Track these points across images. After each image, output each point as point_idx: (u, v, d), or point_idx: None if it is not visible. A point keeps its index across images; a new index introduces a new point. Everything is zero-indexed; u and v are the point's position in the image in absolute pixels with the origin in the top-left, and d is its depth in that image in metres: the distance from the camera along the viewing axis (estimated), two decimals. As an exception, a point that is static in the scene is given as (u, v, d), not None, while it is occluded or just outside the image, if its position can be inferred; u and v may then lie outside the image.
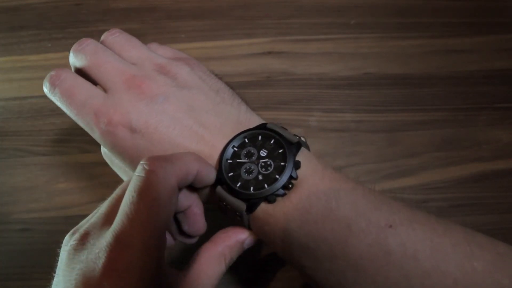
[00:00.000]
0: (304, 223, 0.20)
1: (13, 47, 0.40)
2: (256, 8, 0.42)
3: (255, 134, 0.23)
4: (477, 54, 0.40)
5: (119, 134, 0.23)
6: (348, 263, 0.19)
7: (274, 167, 0.22)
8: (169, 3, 0.43)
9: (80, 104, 0.24)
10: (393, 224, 0.19)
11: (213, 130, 0.23)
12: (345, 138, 0.36)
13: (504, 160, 0.35)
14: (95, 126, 0.23)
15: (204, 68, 0.27)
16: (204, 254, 0.22)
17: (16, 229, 0.32)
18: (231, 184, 0.22)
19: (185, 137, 0.23)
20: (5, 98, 0.38)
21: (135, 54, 0.26)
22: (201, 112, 0.23)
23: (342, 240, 0.19)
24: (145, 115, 0.23)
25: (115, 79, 0.24)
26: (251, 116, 0.25)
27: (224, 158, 0.22)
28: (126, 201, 0.18)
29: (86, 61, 0.25)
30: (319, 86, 0.38)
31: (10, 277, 0.31)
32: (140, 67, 0.25)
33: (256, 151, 0.22)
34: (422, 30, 0.41)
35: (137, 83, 0.23)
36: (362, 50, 0.40)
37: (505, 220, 0.32)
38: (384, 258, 0.19)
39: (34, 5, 0.42)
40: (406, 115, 0.37)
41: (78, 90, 0.24)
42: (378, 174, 0.34)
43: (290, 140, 0.22)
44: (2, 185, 0.34)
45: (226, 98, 0.25)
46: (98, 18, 0.42)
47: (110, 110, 0.23)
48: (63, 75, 0.24)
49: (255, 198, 0.21)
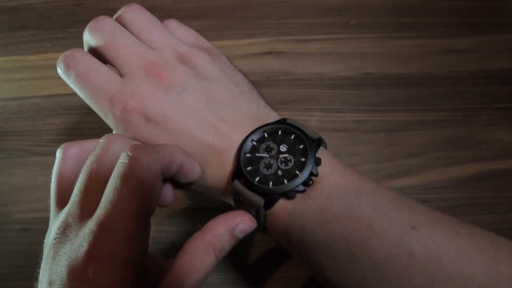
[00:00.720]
0: (324, 222, 0.20)
1: (13, 47, 0.40)
2: (256, 8, 0.42)
3: (275, 129, 0.23)
4: (477, 54, 0.40)
5: (134, 121, 0.22)
6: (369, 264, 0.19)
7: (294, 163, 0.21)
8: (169, 3, 0.43)
9: (95, 87, 0.23)
10: (416, 226, 0.19)
11: (231, 123, 0.22)
12: (345, 138, 0.36)
13: (504, 160, 0.35)
14: (109, 112, 0.22)
15: (225, 58, 0.26)
16: (191, 244, 0.21)
17: (16, 229, 0.32)
18: (249, 178, 0.21)
19: (201, 130, 0.22)
20: (5, 98, 0.38)
21: (155, 38, 0.24)
22: (219, 105, 0.23)
23: (364, 241, 0.19)
24: (162, 105, 0.22)
25: (133, 65, 0.23)
26: (270, 112, 0.24)
27: (242, 152, 0.22)
28: (110, 187, 0.18)
29: (102, 41, 0.23)
30: (319, 86, 0.38)
31: (10, 277, 0.31)
32: (160, 53, 0.24)
33: (276, 146, 0.22)
34: (422, 30, 0.41)
35: (156, 71, 0.23)
36: (362, 50, 0.40)
37: (505, 220, 0.32)
38: (407, 260, 0.18)
39: (34, 5, 0.42)
40: (406, 115, 0.37)
41: (94, 72, 0.23)
42: (378, 174, 0.34)
43: (311, 136, 0.22)
44: (2, 185, 0.34)
45: (245, 91, 0.24)
46: (98, 18, 0.42)
47: (127, 96, 0.22)
48: (78, 55, 0.23)
49: (274, 193, 0.21)
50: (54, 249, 0.18)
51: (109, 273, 0.17)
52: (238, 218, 0.21)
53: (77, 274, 0.17)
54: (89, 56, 0.24)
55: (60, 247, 0.18)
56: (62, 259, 0.18)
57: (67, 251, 0.18)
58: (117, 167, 0.18)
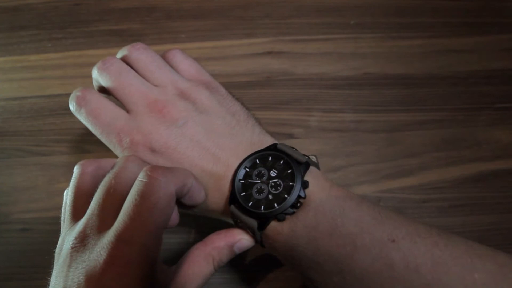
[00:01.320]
0: (311, 239, 0.21)
1: (13, 47, 0.40)
2: (256, 8, 0.42)
3: (266, 155, 0.24)
4: (477, 54, 0.40)
5: (140, 152, 0.24)
6: (355, 277, 0.20)
7: (283, 187, 0.23)
8: (169, 3, 0.43)
9: (105, 124, 0.25)
10: (395, 239, 0.20)
11: (228, 151, 0.24)
12: (345, 138, 0.36)
13: (504, 160, 0.35)
14: (118, 144, 0.25)
15: (223, 90, 0.28)
16: (193, 252, 0.23)
17: (16, 229, 0.32)
18: (243, 203, 0.23)
19: (202, 159, 0.24)
20: (5, 98, 0.38)
21: (158, 76, 0.27)
22: (217, 135, 0.25)
23: (348, 256, 0.20)
24: (165, 137, 0.24)
25: (138, 102, 0.25)
26: (264, 137, 0.26)
27: (237, 179, 0.24)
28: (129, 203, 0.20)
29: (110, 81, 0.26)
30: (319, 86, 0.38)
31: (10, 277, 0.31)
32: (162, 90, 0.26)
33: (267, 172, 0.24)
34: (422, 30, 0.41)
35: (159, 107, 0.25)
36: (362, 50, 0.40)
37: (505, 220, 0.32)
38: (388, 272, 0.19)
39: (34, 5, 0.42)
40: (406, 115, 0.37)
41: (104, 111, 0.25)
42: (378, 174, 0.34)
43: (299, 160, 0.24)
44: (2, 185, 0.34)
45: (241, 120, 0.26)
46: (98, 18, 0.42)
47: (133, 131, 0.24)
48: (88, 96, 0.26)
49: (266, 216, 0.22)
50: (71, 257, 0.19)
51: (124, 281, 0.18)
52: (238, 236, 0.24)
53: (95, 282, 0.18)
54: (98, 95, 0.26)
55: (78, 255, 0.19)
56: (80, 267, 0.19)
57: (85, 260, 0.19)
58: (136, 185, 0.20)
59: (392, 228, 0.21)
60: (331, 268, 0.21)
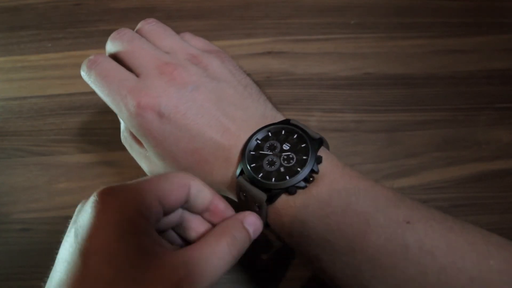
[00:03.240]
0: (323, 216, 0.21)
1: (13, 47, 0.40)
2: (256, 8, 0.42)
3: (279, 129, 0.24)
4: (477, 54, 0.40)
5: (148, 117, 0.23)
6: (365, 257, 0.20)
7: (296, 160, 0.22)
8: (169, 3, 0.43)
9: (113, 84, 0.24)
10: (410, 221, 0.20)
11: (239, 122, 0.24)
12: (345, 138, 0.36)
13: (504, 160, 0.35)
14: (124, 107, 0.24)
15: (234, 62, 0.28)
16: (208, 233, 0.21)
17: (16, 229, 0.32)
18: (253, 174, 0.22)
19: (211, 127, 0.23)
20: (5, 98, 0.38)
21: (169, 43, 0.26)
22: (229, 105, 0.24)
23: (361, 234, 0.20)
24: (174, 101, 0.23)
25: (148, 65, 0.25)
26: (276, 113, 0.25)
27: (247, 150, 0.23)
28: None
29: (122, 47, 0.26)
30: (319, 86, 0.38)
31: (10, 277, 0.31)
32: (173, 55, 0.25)
33: (279, 145, 0.23)
34: (422, 30, 0.41)
35: (169, 70, 0.24)
36: (362, 50, 0.40)
37: (505, 220, 0.32)
38: (401, 253, 0.19)
39: (34, 5, 0.42)
40: (406, 115, 0.37)
41: (113, 72, 0.25)
42: (378, 174, 0.34)
43: (313, 136, 0.23)
44: (2, 185, 0.34)
45: (253, 93, 0.26)
46: (98, 18, 0.42)
47: (141, 93, 0.23)
48: (100, 58, 0.25)
49: (276, 188, 0.22)
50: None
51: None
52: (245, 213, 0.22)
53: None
54: (110, 59, 0.26)
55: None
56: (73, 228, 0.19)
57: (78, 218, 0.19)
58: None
59: (407, 210, 0.20)
60: (342, 247, 0.20)
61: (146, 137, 0.24)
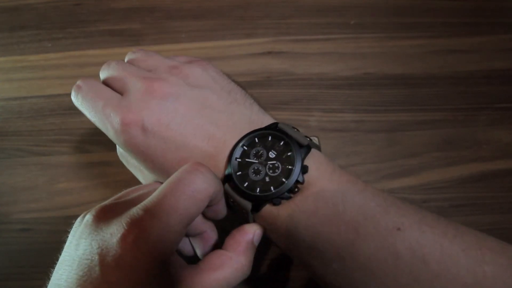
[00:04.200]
0: (310, 225, 0.20)
1: (13, 47, 0.40)
2: (256, 8, 0.42)
3: (265, 134, 0.23)
4: (477, 54, 0.40)
5: (132, 133, 0.23)
6: (356, 265, 0.19)
7: (281, 170, 0.22)
8: (169, 3, 0.43)
9: (98, 105, 0.25)
10: (401, 227, 0.19)
11: (224, 128, 0.24)
12: (345, 138, 0.36)
13: (504, 160, 0.35)
14: (109, 125, 0.24)
15: (217, 69, 0.28)
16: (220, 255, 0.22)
17: (16, 229, 0.32)
18: (238, 183, 0.22)
19: (196, 135, 0.23)
20: (5, 98, 0.38)
21: (151, 63, 0.27)
22: (213, 111, 0.24)
23: (349, 243, 0.20)
24: (156, 114, 0.23)
25: (130, 83, 0.25)
26: (264, 116, 0.25)
27: (233, 157, 0.23)
28: (167, 183, 0.20)
29: (108, 74, 0.26)
30: (319, 86, 0.38)
31: (10, 277, 0.31)
32: (154, 71, 0.26)
33: (265, 152, 0.23)
34: (422, 30, 0.41)
35: (150, 83, 0.24)
36: (362, 50, 0.40)
37: (505, 220, 0.32)
38: (393, 262, 0.19)
39: (34, 5, 0.42)
40: (406, 115, 0.37)
41: (98, 94, 0.25)
42: (378, 174, 0.34)
43: (300, 142, 0.23)
44: (2, 185, 0.34)
45: (238, 98, 0.25)
46: (98, 18, 0.42)
47: (124, 109, 0.24)
48: (86, 80, 0.26)
49: (261, 200, 0.22)
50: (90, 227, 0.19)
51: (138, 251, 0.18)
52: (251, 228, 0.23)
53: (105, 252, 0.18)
54: (95, 81, 0.26)
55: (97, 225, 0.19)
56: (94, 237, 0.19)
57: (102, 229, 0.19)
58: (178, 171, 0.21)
59: (398, 216, 0.20)
60: (331, 255, 0.20)
61: (133, 152, 0.24)
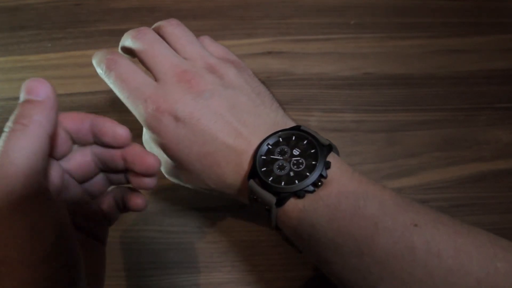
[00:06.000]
0: (332, 219, 0.21)
1: (13, 47, 0.40)
2: (256, 8, 0.42)
3: (289, 134, 0.24)
4: (477, 54, 0.40)
5: (164, 120, 0.25)
6: (374, 259, 0.20)
7: (305, 165, 0.23)
8: (169, 3, 0.43)
9: (133, 89, 0.25)
10: (418, 224, 0.20)
11: (251, 128, 0.25)
12: (345, 138, 0.36)
13: (504, 160, 0.35)
14: (143, 111, 0.25)
15: (250, 71, 0.29)
16: None
17: (16, 229, 0.32)
18: (263, 177, 0.23)
19: (224, 132, 0.24)
20: (5, 98, 0.38)
21: (189, 50, 0.27)
22: (241, 111, 0.25)
23: (369, 237, 0.20)
24: (190, 107, 0.24)
25: (167, 72, 0.26)
26: (287, 120, 0.26)
27: (258, 154, 0.23)
28: None
29: (143, 49, 0.26)
30: (319, 86, 0.38)
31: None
32: (192, 63, 0.26)
33: (289, 150, 0.24)
34: (422, 30, 0.41)
35: (187, 78, 0.25)
36: (362, 50, 0.40)
37: (505, 220, 0.32)
38: (409, 256, 0.19)
39: (34, 5, 0.42)
40: (406, 115, 0.37)
41: (132, 76, 0.26)
42: (378, 174, 0.34)
43: (322, 142, 0.24)
44: (2, 185, 0.34)
45: (266, 101, 0.27)
46: (98, 18, 0.42)
47: (160, 99, 0.25)
48: (119, 59, 0.26)
49: (286, 192, 0.22)
50: None
51: None
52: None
53: None
54: (128, 61, 0.26)
55: None
56: None
57: None
58: None
59: (414, 214, 0.21)
60: (351, 250, 0.21)
61: (162, 139, 0.25)
